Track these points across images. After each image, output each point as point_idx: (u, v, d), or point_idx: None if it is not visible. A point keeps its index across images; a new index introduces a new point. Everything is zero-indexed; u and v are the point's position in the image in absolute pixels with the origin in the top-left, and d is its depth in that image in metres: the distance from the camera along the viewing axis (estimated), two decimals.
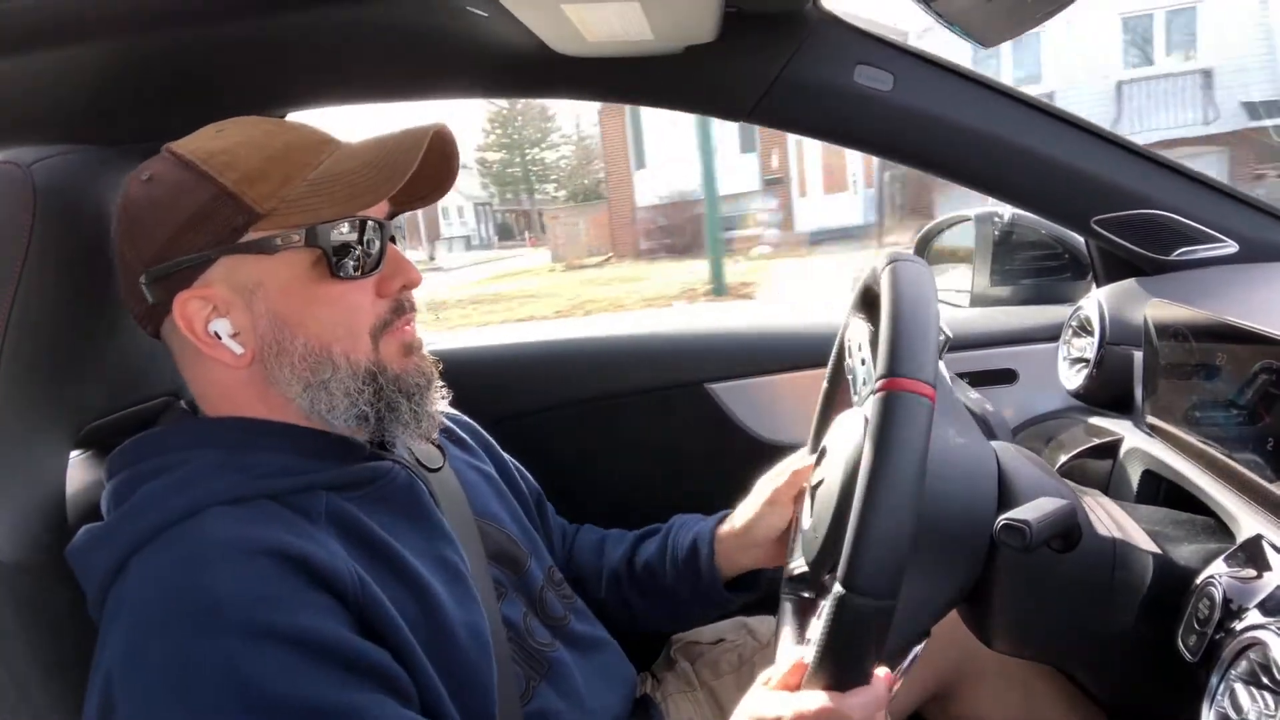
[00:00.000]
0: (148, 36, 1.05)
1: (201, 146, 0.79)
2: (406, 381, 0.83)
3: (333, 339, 0.79)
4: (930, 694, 1.14)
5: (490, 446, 1.09)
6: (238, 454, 0.77)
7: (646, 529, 1.14)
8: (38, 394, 0.81)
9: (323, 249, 0.77)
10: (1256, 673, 0.65)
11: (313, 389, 0.79)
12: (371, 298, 0.81)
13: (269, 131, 0.81)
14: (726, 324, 1.62)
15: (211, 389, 0.82)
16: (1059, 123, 1.18)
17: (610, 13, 0.95)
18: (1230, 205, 1.21)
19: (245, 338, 0.78)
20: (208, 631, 0.64)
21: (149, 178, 0.79)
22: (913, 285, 0.73)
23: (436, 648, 0.76)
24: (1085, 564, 0.78)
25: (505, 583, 0.92)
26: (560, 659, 0.91)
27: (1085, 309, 1.24)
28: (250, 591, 0.66)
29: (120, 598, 0.68)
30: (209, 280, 0.77)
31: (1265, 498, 0.79)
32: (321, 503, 0.77)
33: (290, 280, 0.78)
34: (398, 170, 0.77)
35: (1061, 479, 0.85)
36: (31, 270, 0.79)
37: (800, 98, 1.15)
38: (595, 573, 1.12)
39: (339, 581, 0.70)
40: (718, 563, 1.03)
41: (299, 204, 0.77)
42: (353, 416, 0.80)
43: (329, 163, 0.79)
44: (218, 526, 0.70)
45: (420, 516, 0.85)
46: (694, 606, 1.08)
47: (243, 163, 0.77)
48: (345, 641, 0.69)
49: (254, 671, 0.64)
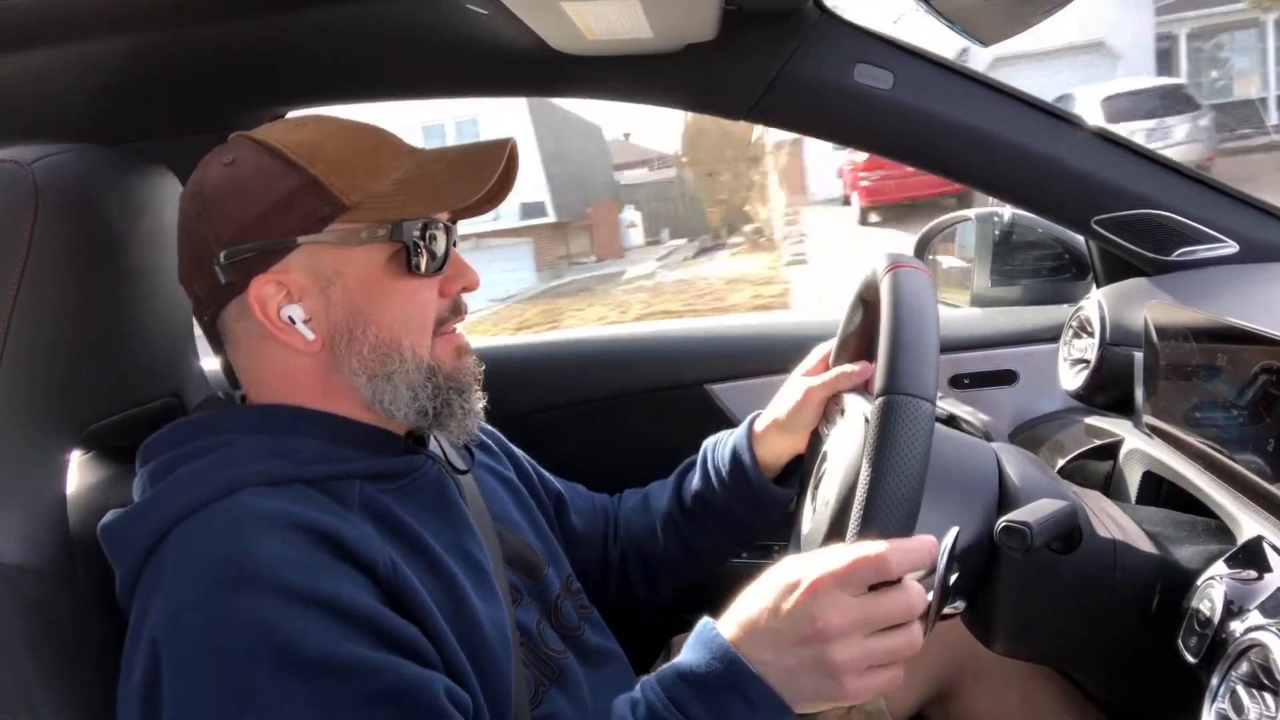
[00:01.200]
0: (148, 36, 1.05)
1: (285, 136, 0.81)
2: (459, 380, 0.85)
3: (403, 332, 0.81)
4: (932, 694, 1.14)
5: (511, 452, 1.10)
6: (278, 439, 0.78)
7: (683, 465, 1.16)
8: (39, 394, 0.81)
9: (405, 244, 0.80)
10: (1257, 674, 0.65)
11: (378, 379, 0.81)
12: (436, 296, 0.84)
13: (351, 129, 0.84)
14: (727, 325, 1.62)
15: (272, 375, 0.83)
16: (1059, 122, 1.18)
17: (610, 11, 0.95)
18: (1230, 205, 1.20)
19: (317, 324, 0.80)
20: (245, 591, 0.66)
21: (231, 161, 0.80)
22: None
23: (465, 638, 0.77)
24: (1086, 565, 0.78)
25: (521, 588, 0.93)
26: (570, 666, 0.92)
27: (1085, 310, 1.24)
28: (287, 558, 0.68)
29: (160, 568, 0.70)
30: (287, 266, 0.79)
31: (1266, 499, 0.79)
32: (355, 491, 0.79)
33: (368, 272, 0.80)
34: (482, 176, 0.80)
35: (1062, 480, 0.85)
36: (33, 270, 0.79)
37: (800, 96, 1.15)
38: (650, 528, 1.13)
39: (371, 560, 0.72)
40: (761, 462, 1.06)
41: (386, 199, 0.80)
42: (414, 410, 0.82)
43: (412, 165, 0.82)
44: (256, 502, 0.71)
45: (449, 512, 0.86)
46: (752, 518, 1.09)
47: (329, 154, 0.79)
48: (377, 612, 0.70)
49: (288, 629, 0.65)
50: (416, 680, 0.69)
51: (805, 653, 0.66)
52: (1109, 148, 1.18)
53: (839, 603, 0.66)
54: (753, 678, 0.67)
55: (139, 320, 0.89)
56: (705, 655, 0.69)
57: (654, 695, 0.70)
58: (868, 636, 0.67)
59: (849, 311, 1.01)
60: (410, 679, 0.68)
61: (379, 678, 0.67)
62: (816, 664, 0.66)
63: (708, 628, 0.71)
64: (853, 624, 0.66)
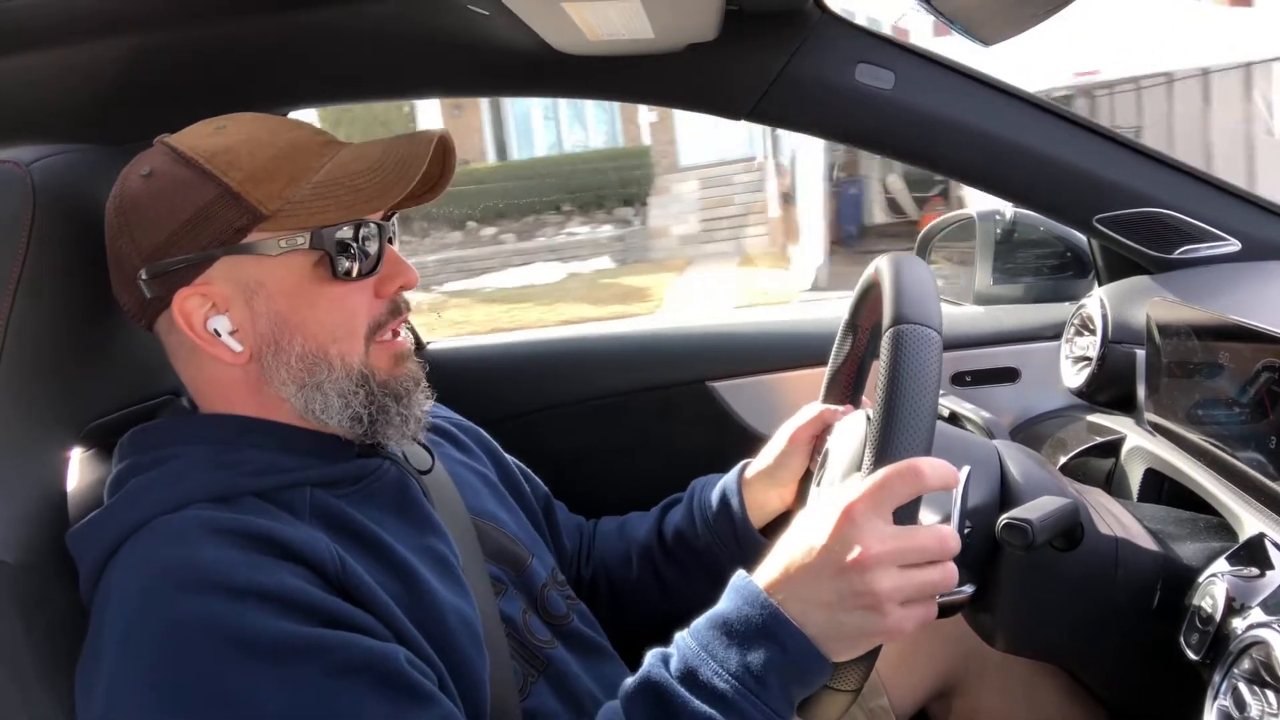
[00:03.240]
0: (148, 35, 1.05)
1: (202, 144, 0.79)
2: (395, 386, 0.83)
3: (330, 340, 0.79)
4: (935, 690, 1.14)
5: (493, 451, 1.09)
6: (226, 451, 0.78)
7: (667, 500, 1.15)
8: (37, 393, 0.81)
9: (327, 252, 0.78)
10: (1259, 671, 0.65)
11: (307, 389, 0.79)
12: (370, 298, 0.82)
13: (271, 130, 0.81)
14: (728, 322, 1.62)
15: (206, 386, 0.82)
16: (1061, 120, 1.18)
17: (611, 11, 0.95)
18: (1233, 203, 1.20)
19: (244, 335, 0.79)
20: (191, 592, 0.66)
21: (149, 173, 0.79)
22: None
23: (427, 630, 0.76)
24: (1088, 563, 0.78)
25: (505, 579, 0.92)
26: (559, 657, 0.91)
27: (1087, 307, 1.24)
28: (231, 558, 0.68)
29: (108, 584, 0.70)
30: (209, 278, 0.77)
31: (1268, 496, 0.79)
32: (306, 497, 0.78)
33: (292, 281, 0.78)
34: (405, 175, 0.78)
35: (1063, 478, 0.85)
36: (31, 270, 0.79)
37: (801, 96, 1.15)
38: (624, 556, 1.12)
39: (319, 559, 0.71)
40: (749, 509, 1.04)
41: (304, 206, 0.77)
42: (346, 418, 0.80)
43: (332, 165, 0.80)
44: (202, 515, 0.71)
45: (410, 511, 0.85)
46: (731, 563, 1.07)
47: (246, 162, 0.77)
48: (327, 600, 0.69)
49: (240, 622, 0.65)
50: (378, 650, 0.68)
51: (844, 585, 0.66)
52: (1111, 146, 1.18)
53: (877, 529, 0.66)
54: (785, 622, 0.66)
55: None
56: (738, 602, 0.69)
57: (685, 644, 0.69)
58: (904, 568, 0.66)
59: (839, 340, 1.01)
60: (371, 649, 0.68)
61: (339, 653, 0.67)
62: (858, 595, 0.66)
63: (742, 577, 0.71)
64: (891, 553, 0.65)
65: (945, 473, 0.67)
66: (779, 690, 0.66)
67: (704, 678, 0.67)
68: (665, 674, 0.68)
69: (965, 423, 1.04)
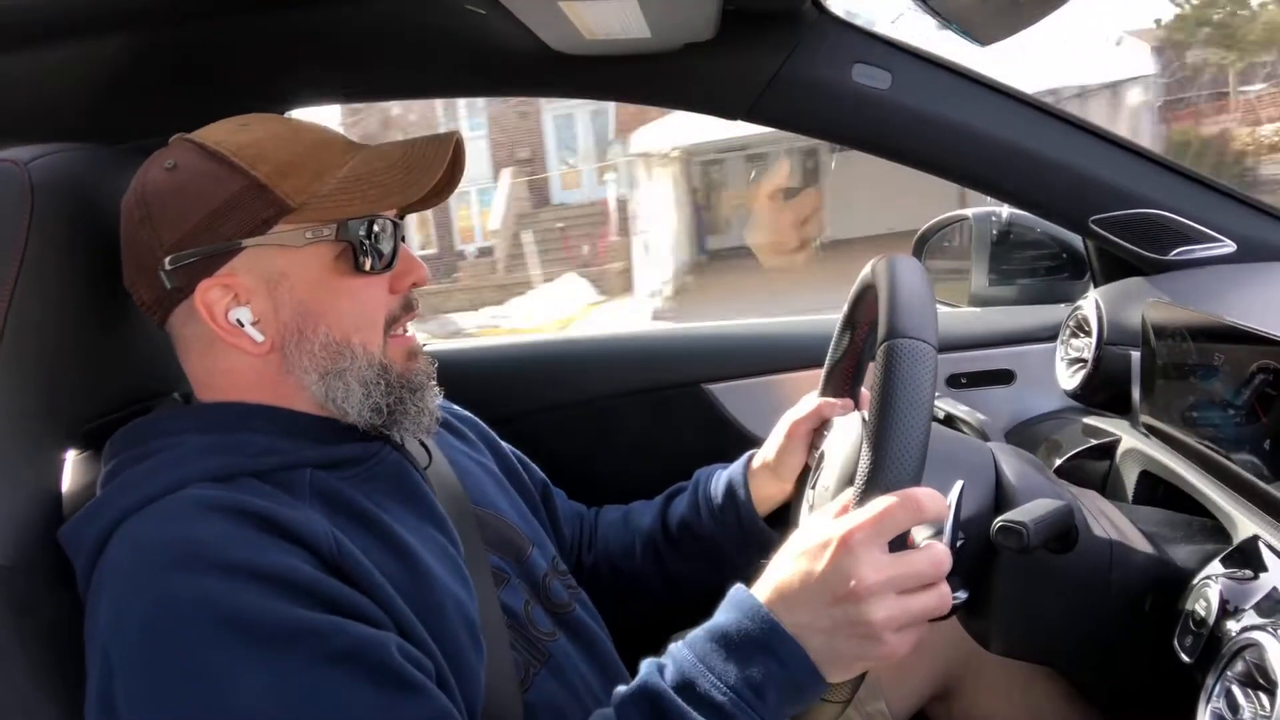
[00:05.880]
0: (147, 34, 1.05)
1: (228, 139, 0.80)
2: (411, 379, 0.85)
3: (353, 329, 0.81)
4: (933, 693, 1.14)
5: (492, 441, 1.10)
6: (225, 436, 0.78)
7: (672, 489, 1.15)
8: (33, 394, 0.81)
9: (351, 244, 0.80)
10: (1252, 673, 0.65)
11: (330, 377, 0.81)
12: (385, 293, 0.84)
13: (295, 129, 0.83)
14: (723, 324, 1.62)
15: (222, 377, 0.83)
16: (1057, 121, 1.18)
17: (608, 10, 0.95)
18: (1228, 205, 1.21)
19: (266, 326, 0.80)
20: (184, 570, 0.66)
21: (173, 165, 0.80)
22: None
23: (424, 614, 0.76)
24: (1082, 565, 0.78)
25: (507, 569, 0.93)
26: (561, 649, 0.91)
27: (1083, 309, 1.24)
28: (225, 535, 0.68)
29: (104, 566, 0.70)
30: (233, 269, 0.78)
31: (1262, 498, 0.79)
32: (305, 478, 0.78)
33: (315, 272, 0.80)
34: (428, 172, 0.80)
35: (1058, 480, 0.85)
36: (28, 270, 0.79)
37: (798, 96, 1.15)
38: (627, 545, 1.12)
39: (314, 538, 0.71)
40: (754, 499, 1.05)
41: (329, 199, 0.79)
42: (367, 408, 0.82)
43: (357, 161, 0.82)
44: (199, 494, 0.71)
45: (411, 496, 0.86)
46: (736, 553, 1.08)
47: (273, 156, 0.79)
48: (321, 580, 0.69)
49: (232, 602, 0.65)
50: (368, 638, 0.68)
51: (840, 614, 0.66)
52: (1107, 147, 1.18)
53: (873, 559, 0.66)
54: (785, 637, 0.66)
55: (134, 319, 0.89)
56: (737, 615, 0.69)
57: (682, 656, 0.69)
58: (900, 594, 0.66)
59: (837, 335, 1.01)
60: (360, 637, 0.68)
61: (329, 640, 0.67)
62: (854, 624, 0.66)
63: (741, 591, 0.71)
64: (887, 581, 0.66)
65: (942, 506, 0.68)
66: (776, 705, 0.67)
67: (702, 689, 0.67)
68: (662, 684, 0.68)
69: (960, 425, 1.04)
